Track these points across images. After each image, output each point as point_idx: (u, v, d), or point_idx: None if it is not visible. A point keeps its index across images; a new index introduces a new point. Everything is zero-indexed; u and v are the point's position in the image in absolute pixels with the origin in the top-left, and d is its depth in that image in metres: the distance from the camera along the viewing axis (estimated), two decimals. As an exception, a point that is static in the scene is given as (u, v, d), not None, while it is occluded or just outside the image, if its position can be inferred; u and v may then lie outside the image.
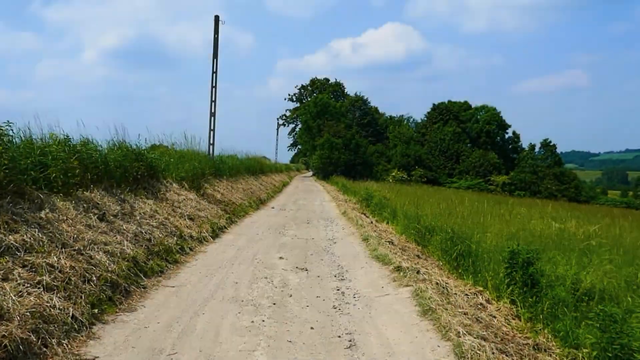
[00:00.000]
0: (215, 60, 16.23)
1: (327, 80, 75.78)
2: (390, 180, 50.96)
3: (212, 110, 16.23)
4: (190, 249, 7.84)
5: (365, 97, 69.92)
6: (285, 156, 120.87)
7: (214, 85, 16.04)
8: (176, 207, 9.25)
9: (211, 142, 16.85)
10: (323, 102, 54.03)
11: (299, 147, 73.74)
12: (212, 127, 16.56)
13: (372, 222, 12.26)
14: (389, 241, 9.10)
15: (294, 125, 78.05)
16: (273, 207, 16.97)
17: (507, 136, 72.94)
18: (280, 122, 78.12)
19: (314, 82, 75.63)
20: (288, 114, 78.29)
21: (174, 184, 10.65)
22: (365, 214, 14.50)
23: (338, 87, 75.15)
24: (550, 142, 61.09)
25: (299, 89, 77.40)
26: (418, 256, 8.79)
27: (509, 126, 71.50)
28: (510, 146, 73.26)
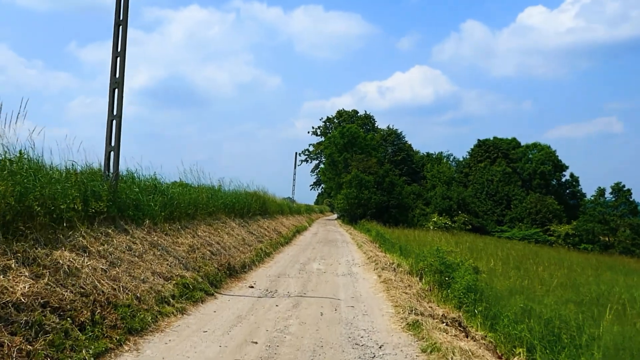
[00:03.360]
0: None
1: (356, 112, 67.63)
2: (431, 227, 42.09)
3: (117, 77, 7.45)
4: None
5: (399, 131, 61.48)
6: (309, 196, 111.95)
7: (121, 25, 7.47)
8: None
9: (113, 143, 7.51)
10: (351, 132, 45.76)
11: (323, 186, 65.04)
12: (115, 112, 7.45)
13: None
14: None
15: (317, 162, 69.56)
16: (252, 286, 8.31)
17: (563, 179, 63.18)
18: (302, 157, 69.74)
19: (340, 113, 67.50)
20: (312, 149, 69.92)
21: None
22: (462, 330, 5.66)
23: (368, 120, 66.78)
24: (624, 186, 50.83)
25: (324, 122, 69.40)
26: None
27: (567, 167, 61.78)
28: (567, 190, 63.22)
